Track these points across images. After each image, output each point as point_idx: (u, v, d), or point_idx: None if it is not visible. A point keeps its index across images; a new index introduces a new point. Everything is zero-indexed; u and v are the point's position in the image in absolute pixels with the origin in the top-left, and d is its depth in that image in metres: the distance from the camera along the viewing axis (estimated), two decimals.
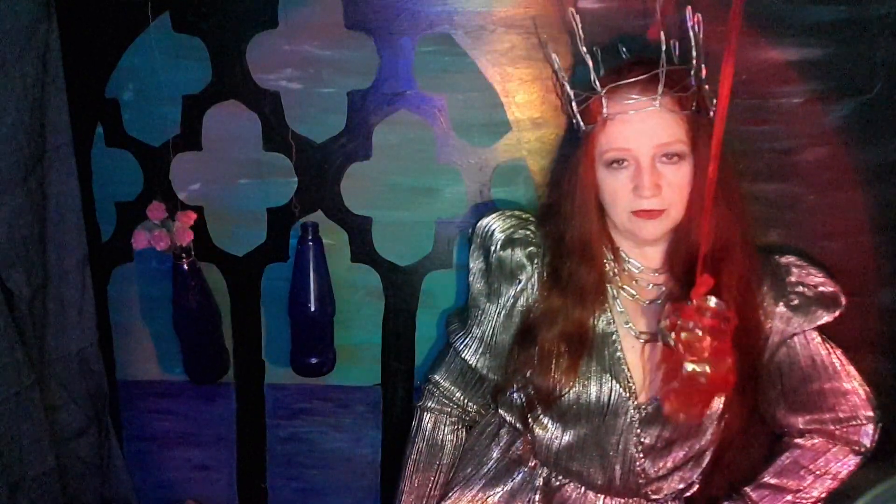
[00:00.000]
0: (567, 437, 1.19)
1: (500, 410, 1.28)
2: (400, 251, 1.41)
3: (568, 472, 1.22)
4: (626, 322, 1.16)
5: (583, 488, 1.23)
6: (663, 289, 1.16)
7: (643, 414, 1.15)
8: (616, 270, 1.17)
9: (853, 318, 1.34)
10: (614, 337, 1.16)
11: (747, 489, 1.25)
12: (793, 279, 1.17)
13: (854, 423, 1.20)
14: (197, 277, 1.38)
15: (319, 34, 1.29)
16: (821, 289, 1.17)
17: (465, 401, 1.30)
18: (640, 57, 1.13)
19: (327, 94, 1.32)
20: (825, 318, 1.17)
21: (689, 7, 1.05)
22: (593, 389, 1.15)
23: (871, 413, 1.20)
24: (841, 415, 1.20)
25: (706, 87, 1.08)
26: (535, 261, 1.19)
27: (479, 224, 1.24)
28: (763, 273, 1.16)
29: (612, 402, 1.15)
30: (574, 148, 1.15)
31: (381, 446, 1.53)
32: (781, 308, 1.16)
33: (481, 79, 1.30)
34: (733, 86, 0.88)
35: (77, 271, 1.38)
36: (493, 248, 1.21)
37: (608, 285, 1.16)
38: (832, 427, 1.20)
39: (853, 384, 1.19)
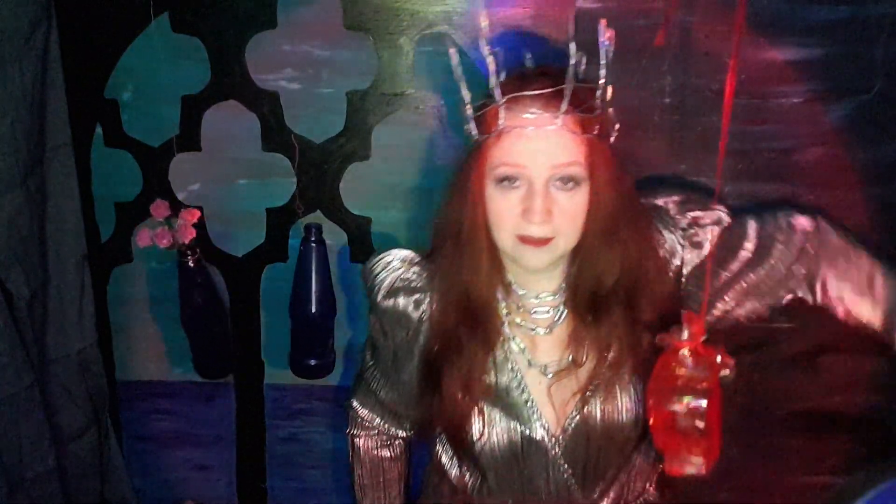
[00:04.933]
0: (492, 482, 1.13)
1: (439, 452, 1.21)
2: None
3: None
4: (528, 362, 1.09)
5: None
6: (562, 310, 1.08)
7: (563, 446, 1.08)
8: (509, 307, 1.09)
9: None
10: (518, 380, 1.08)
11: None
12: (683, 223, 1.10)
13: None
14: (203, 275, 1.38)
15: (318, 34, 1.29)
16: (705, 220, 1.09)
17: (388, 427, 1.24)
18: (548, 67, 1.03)
19: (326, 95, 1.32)
20: (716, 230, 1.09)
21: (604, 21, 0.98)
22: (503, 438, 1.08)
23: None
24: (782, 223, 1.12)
25: (610, 110, 1.00)
26: (422, 307, 1.10)
27: (363, 270, 1.15)
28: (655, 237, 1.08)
29: (525, 447, 1.08)
30: (463, 161, 1.04)
31: None
32: (685, 252, 1.08)
33: (481, 79, 1.29)
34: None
35: (76, 271, 1.38)
36: (375, 300, 1.13)
37: (504, 327, 1.08)
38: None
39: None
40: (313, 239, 1.33)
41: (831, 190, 1.29)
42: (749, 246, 1.11)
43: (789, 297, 1.13)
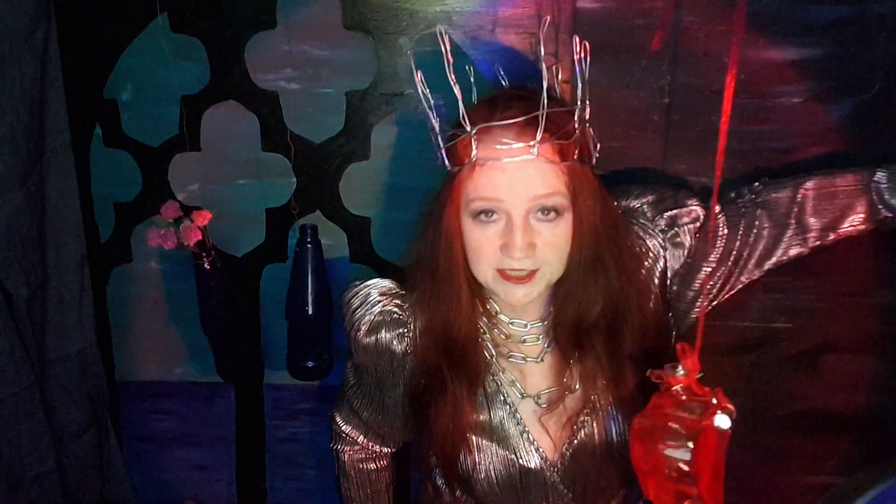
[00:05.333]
0: None
1: (435, 478, 1.17)
2: (399, 251, 1.41)
3: None
4: (520, 394, 1.05)
5: None
6: (550, 337, 1.04)
7: (561, 472, 1.05)
8: (496, 338, 1.05)
9: (853, 318, 1.34)
10: (511, 412, 1.05)
11: None
12: (662, 223, 1.08)
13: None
14: (218, 276, 1.36)
15: (318, 34, 1.29)
16: (672, 212, 1.08)
17: (371, 444, 1.22)
18: (520, 90, 0.98)
19: (326, 95, 1.32)
20: (692, 209, 1.08)
21: (577, 36, 0.93)
22: (501, 471, 1.05)
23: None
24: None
25: (590, 129, 0.96)
26: (406, 340, 1.06)
27: (342, 300, 1.11)
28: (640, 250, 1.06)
29: (523, 478, 1.05)
30: (437, 193, 1.00)
31: None
32: (666, 252, 1.06)
33: (481, 79, 1.29)
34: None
35: (76, 272, 1.38)
36: (356, 337, 1.08)
37: (492, 359, 1.05)
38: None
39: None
40: (309, 240, 1.33)
41: None
42: (723, 233, 1.08)
43: (779, 255, 1.09)
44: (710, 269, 1.09)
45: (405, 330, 1.06)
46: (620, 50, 1.22)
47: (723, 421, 0.83)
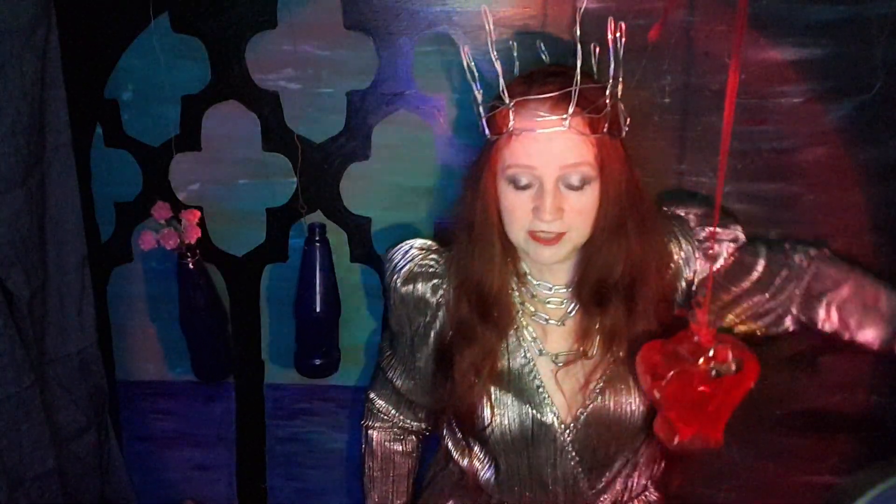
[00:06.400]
0: (501, 467, 1.16)
1: (447, 440, 1.25)
2: None
3: (514, 501, 1.19)
4: (539, 351, 1.13)
5: None
6: (573, 304, 1.12)
7: (573, 434, 1.12)
8: (523, 298, 1.13)
9: None
10: (529, 367, 1.13)
11: None
12: (702, 234, 1.16)
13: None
14: (204, 276, 1.38)
15: (319, 34, 1.29)
16: (722, 236, 1.16)
17: (402, 418, 1.30)
18: (556, 67, 1.07)
19: (326, 95, 1.32)
20: (731, 248, 1.17)
21: (612, 18, 1.00)
22: (514, 423, 1.12)
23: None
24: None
25: (621, 105, 1.02)
26: (440, 291, 1.15)
27: (385, 256, 1.21)
28: (673, 247, 1.14)
29: (535, 432, 1.12)
30: (476, 159, 1.09)
31: None
32: (701, 262, 1.14)
33: (481, 79, 1.29)
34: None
35: (77, 271, 1.38)
36: (393, 286, 1.18)
37: (517, 315, 1.13)
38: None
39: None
40: (317, 239, 1.34)
41: (831, 190, 1.29)
42: (759, 269, 1.16)
43: (791, 322, 1.17)
44: (736, 293, 1.17)
45: (440, 282, 1.15)
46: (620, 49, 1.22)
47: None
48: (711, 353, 0.95)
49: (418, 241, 1.20)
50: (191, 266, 1.35)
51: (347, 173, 1.37)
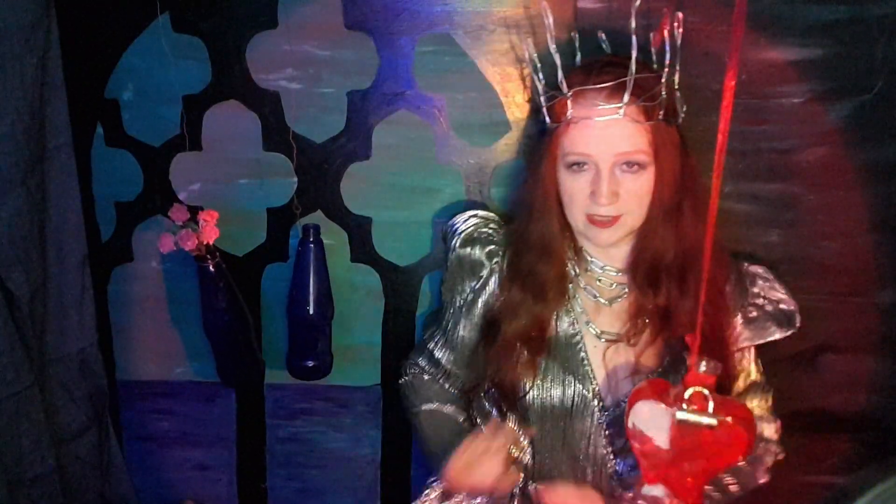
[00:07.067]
0: (536, 439, 1.18)
1: (475, 414, 1.28)
2: (400, 251, 1.41)
3: (542, 477, 1.20)
4: (587, 322, 1.16)
5: None
6: (625, 289, 1.15)
7: (611, 416, 1.14)
8: (577, 269, 1.17)
9: (853, 318, 1.34)
10: (577, 338, 1.16)
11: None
12: (756, 290, 1.18)
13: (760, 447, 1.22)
14: (224, 278, 1.35)
15: (319, 34, 1.29)
16: (781, 305, 1.18)
17: (438, 382, 1.29)
18: (613, 57, 1.12)
19: (327, 94, 1.32)
20: (776, 335, 1.18)
21: (668, 8, 1.04)
22: (556, 391, 1.15)
23: (774, 437, 1.24)
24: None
25: (677, 93, 1.07)
26: (495, 259, 1.20)
27: (448, 224, 1.27)
28: (728, 279, 1.15)
29: (575, 404, 1.14)
30: (538, 144, 1.15)
31: (381, 446, 1.53)
32: (737, 319, 1.16)
33: (481, 79, 1.30)
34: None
35: (77, 271, 1.37)
36: (452, 247, 1.23)
37: (569, 285, 1.16)
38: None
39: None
40: (311, 239, 1.33)
41: (831, 190, 1.29)
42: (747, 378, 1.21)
43: None
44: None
45: (496, 248, 1.21)
46: (621, 50, 1.22)
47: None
48: (687, 394, 0.90)
49: (481, 212, 1.25)
50: (211, 268, 1.33)
51: (348, 173, 1.37)
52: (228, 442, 1.57)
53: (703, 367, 0.90)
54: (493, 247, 1.21)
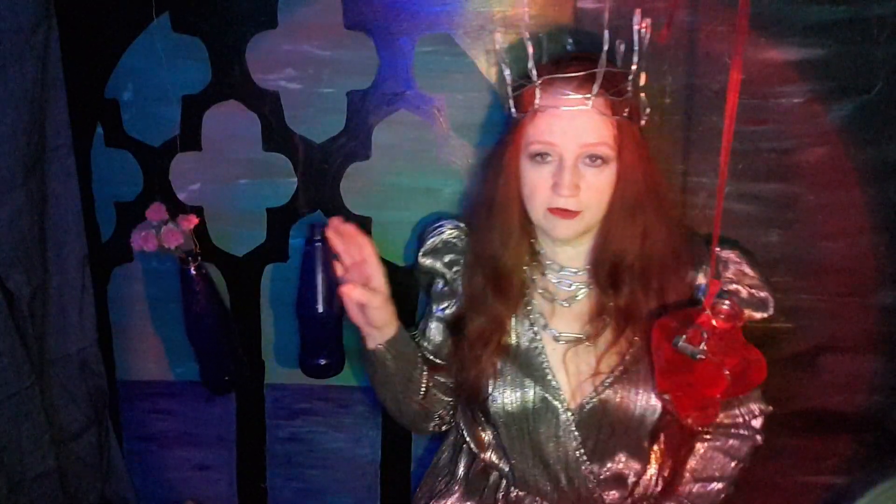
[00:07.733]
0: (505, 441, 1.18)
1: (458, 418, 1.29)
2: (399, 251, 1.41)
3: (522, 483, 1.21)
4: (544, 326, 1.16)
5: (539, 499, 1.21)
6: (583, 288, 1.16)
7: (578, 418, 1.14)
8: (534, 271, 1.17)
9: (853, 318, 1.34)
10: (536, 341, 1.16)
11: (679, 488, 1.23)
12: (729, 275, 1.17)
13: (744, 429, 1.23)
14: (204, 281, 1.36)
15: (319, 34, 1.29)
16: (753, 290, 1.18)
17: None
18: (583, 52, 1.13)
19: (327, 94, 1.32)
20: (755, 317, 1.18)
21: (639, 10, 1.03)
22: (516, 394, 1.15)
23: (762, 406, 1.23)
24: (739, 420, 1.22)
25: (643, 95, 1.07)
26: (455, 268, 1.22)
27: (431, 225, 1.29)
28: (698, 267, 1.15)
29: (536, 408, 1.14)
30: (502, 137, 1.15)
31: (381, 446, 1.53)
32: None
33: (481, 79, 1.30)
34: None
35: (77, 271, 1.38)
36: (417, 257, 1.26)
37: (527, 290, 1.17)
38: (732, 430, 1.23)
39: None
40: (318, 238, 1.33)
41: (831, 190, 1.29)
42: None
43: None
44: None
45: (456, 257, 1.22)
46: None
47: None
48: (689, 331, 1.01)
49: (452, 222, 1.26)
50: (191, 271, 1.34)
51: (348, 173, 1.37)
52: (228, 442, 1.57)
53: (724, 304, 1.02)
54: (453, 255, 1.22)
